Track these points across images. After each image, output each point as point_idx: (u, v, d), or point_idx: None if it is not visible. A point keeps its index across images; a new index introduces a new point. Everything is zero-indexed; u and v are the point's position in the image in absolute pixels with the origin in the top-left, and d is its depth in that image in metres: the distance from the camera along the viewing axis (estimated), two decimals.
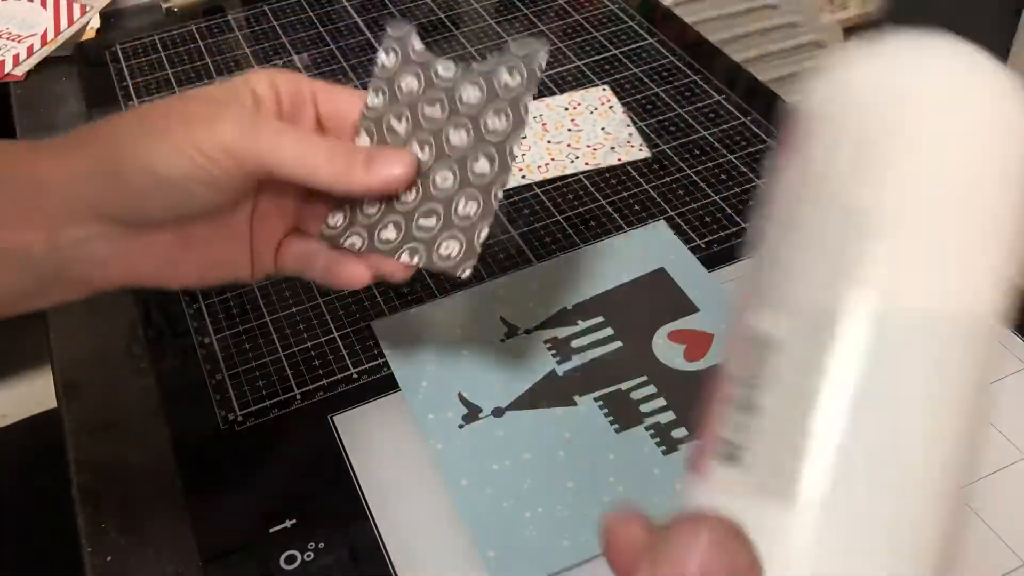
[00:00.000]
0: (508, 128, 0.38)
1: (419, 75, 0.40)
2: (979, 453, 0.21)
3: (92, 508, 0.44)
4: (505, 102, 0.38)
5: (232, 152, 0.34)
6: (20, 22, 0.79)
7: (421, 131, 0.39)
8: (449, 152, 0.39)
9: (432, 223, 0.39)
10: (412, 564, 0.40)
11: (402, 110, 0.40)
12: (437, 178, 0.39)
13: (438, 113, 0.39)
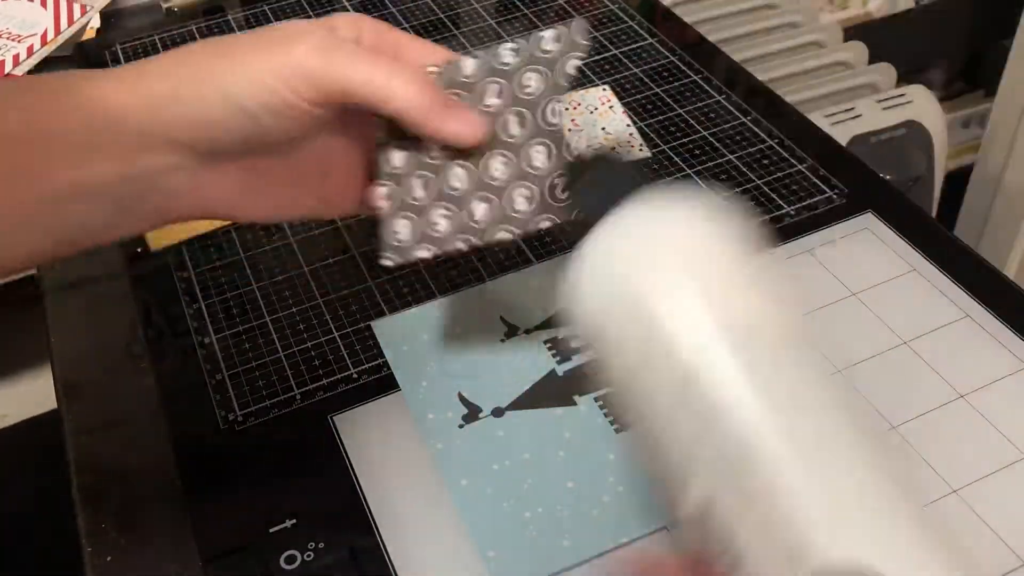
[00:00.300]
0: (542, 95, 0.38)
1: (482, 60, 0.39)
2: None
3: (92, 508, 0.44)
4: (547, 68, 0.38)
5: (308, 74, 0.33)
6: (20, 22, 0.79)
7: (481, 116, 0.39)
8: (507, 140, 0.38)
9: (483, 210, 0.38)
10: (412, 564, 0.40)
11: (462, 92, 0.39)
12: (492, 166, 0.38)
13: (497, 100, 0.38)
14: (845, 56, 0.91)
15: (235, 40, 0.35)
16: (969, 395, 0.45)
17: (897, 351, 0.47)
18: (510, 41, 0.39)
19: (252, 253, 0.56)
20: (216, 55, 0.35)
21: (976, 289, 0.50)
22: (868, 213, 0.55)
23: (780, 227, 0.55)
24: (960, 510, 0.41)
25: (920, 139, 0.89)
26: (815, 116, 0.83)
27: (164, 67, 0.35)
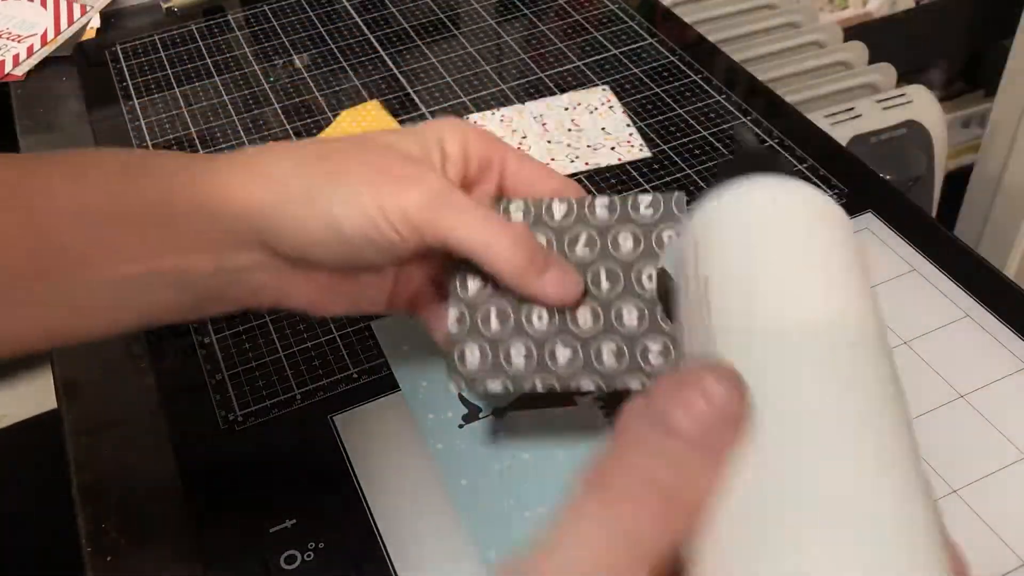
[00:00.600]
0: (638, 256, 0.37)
1: (572, 206, 0.38)
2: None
3: (92, 508, 0.44)
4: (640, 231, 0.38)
5: (416, 224, 0.34)
6: (20, 22, 0.79)
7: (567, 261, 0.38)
8: (596, 294, 0.37)
9: (568, 357, 0.36)
10: (412, 564, 0.40)
11: (548, 235, 0.38)
12: (579, 315, 0.37)
13: (587, 251, 0.38)
14: (845, 56, 0.91)
15: (347, 160, 0.35)
16: (969, 395, 0.45)
17: (897, 351, 0.47)
18: (605, 196, 0.38)
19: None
20: (329, 176, 0.34)
21: (976, 289, 0.50)
22: (868, 213, 0.55)
23: None
24: (960, 510, 0.41)
25: (920, 139, 0.89)
26: (815, 116, 0.83)
27: (278, 172, 0.35)
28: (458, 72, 0.71)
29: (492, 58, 0.72)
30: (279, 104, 0.69)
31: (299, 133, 0.66)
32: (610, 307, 0.37)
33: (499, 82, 0.69)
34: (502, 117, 0.65)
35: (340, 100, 0.69)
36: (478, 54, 0.73)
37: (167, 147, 0.65)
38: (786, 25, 0.93)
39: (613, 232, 0.38)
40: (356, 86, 0.70)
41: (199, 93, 0.71)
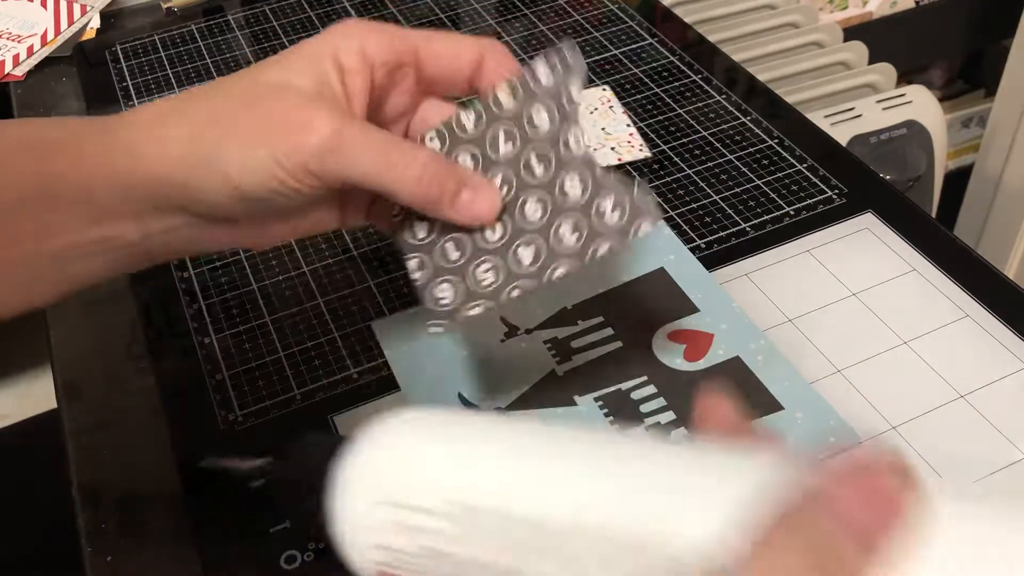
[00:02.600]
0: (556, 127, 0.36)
1: (479, 110, 0.38)
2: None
3: (92, 508, 0.44)
4: (551, 100, 0.37)
5: (315, 172, 0.34)
6: (20, 22, 0.79)
7: (495, 166, 0.37)
8: (535, 182, 0.37)
9: (532, 254, 0.36)
10: None
11: (470, 149, 0.38)
12: (527, 210, 0.37)
13: (510, 147, 0.37)
14: (845, 56, 0.91)
15: (237, 117, 0.34)
16: (969, 395, 0.45)
17: (897, 351, 0.47)
18: (505, 84, 0.37)
19: (252, 253, 0.56)
20: (223, 140, 0.34)
21: (976, 289, 0.50)
22: (868, 213, 0.55)
23: (780, 227, 0.55)
24: None
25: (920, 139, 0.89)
26: (815, 116, 0.84)
27: (176, 140, 0.34)
28: None
29: None
30: None
31: None
32: (552, 187, 0.36)
33: None
34: None
35: None
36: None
37: None
38: (786, 25, 0.93)
39: (525, 114, 0.37)
40: None
41: None
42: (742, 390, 0.46)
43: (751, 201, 0.57)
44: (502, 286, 0.36)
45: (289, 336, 0.51)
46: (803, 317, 0.50)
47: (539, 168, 0.37)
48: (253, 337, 0.51)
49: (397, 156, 0.35)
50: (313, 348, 0.50)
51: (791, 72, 0.89)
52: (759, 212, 0.56)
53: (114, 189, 0.34)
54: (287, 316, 0.52)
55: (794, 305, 0.50)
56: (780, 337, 0.48)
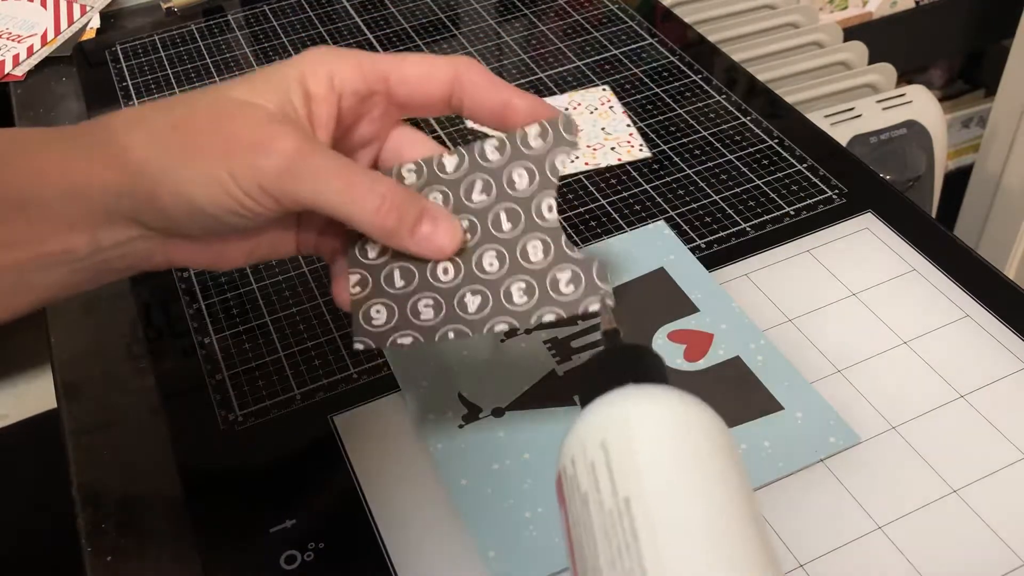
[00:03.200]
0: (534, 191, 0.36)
1: (463, 156, 0.38)
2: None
3: (92, 508, 0.44)
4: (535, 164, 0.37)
5: (271, 193, 0.33)
6: (20, 22, 0.79)
7: (465, 211, 0.37)
8: (499, 236, 0.37)
9: (478, 303, 0.36)
10: (412, 564, 0.40)
11: (443, 189, 0.38)
12: (484, 261, 0.37)
13: (484, 197, 0.37)
14: (845, 56, 0.91)
15: (198, 129, 0.33)
16: (969, 395, 0.45)
17: (897, 351, 0.47)
18: (492, 137, 0.37)
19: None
20: (181, 151, 0.33)
21: (976, 289, 0.50)
22: (868, 213, 0.55)
23: (780, 227, 0.55)
24: (960, 510, 0.41)
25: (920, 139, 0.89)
26: (815, 116, 0.84)
27: (133, 147, 0.33)
28: None
29: (492, 58, 0.72)
30: None
31: None
32: (515, 246, 0.36)
33: None
34: None
35: None
36: (478, 54, 0.73)
37: None
38: (786, 25, 0.93)
39: (507, 171, 0.37)
40: None
41: None
42: (742, 390, 0.46)
43: (751, 201, 0.57)
44: (438, 325, 0.36)
45: (289, 336, 0.51)
46: (803, 317, 0.50)
47: (507, 225, 0.37)
48: (253, 337, 0.51)
49: (358, 183, 0.34)
50: (313, 348, 0.50)
51: (791, 72, 0.89)
52: (759, 212, 0.56)
53: (68, 197, 0.33)
54: (287, 316, 0.52)
55: (794, 305, 0.50)
56: (780, 337, 0.48)
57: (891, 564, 0.39)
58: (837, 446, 0.43)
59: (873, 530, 0.40)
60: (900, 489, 0.42)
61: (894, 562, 0.39)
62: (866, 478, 0.42)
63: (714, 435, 0.28)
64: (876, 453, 0.43)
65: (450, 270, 0.37)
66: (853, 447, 0.43)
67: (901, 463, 0.43)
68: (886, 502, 0.41)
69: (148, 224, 0.34)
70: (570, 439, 0.29)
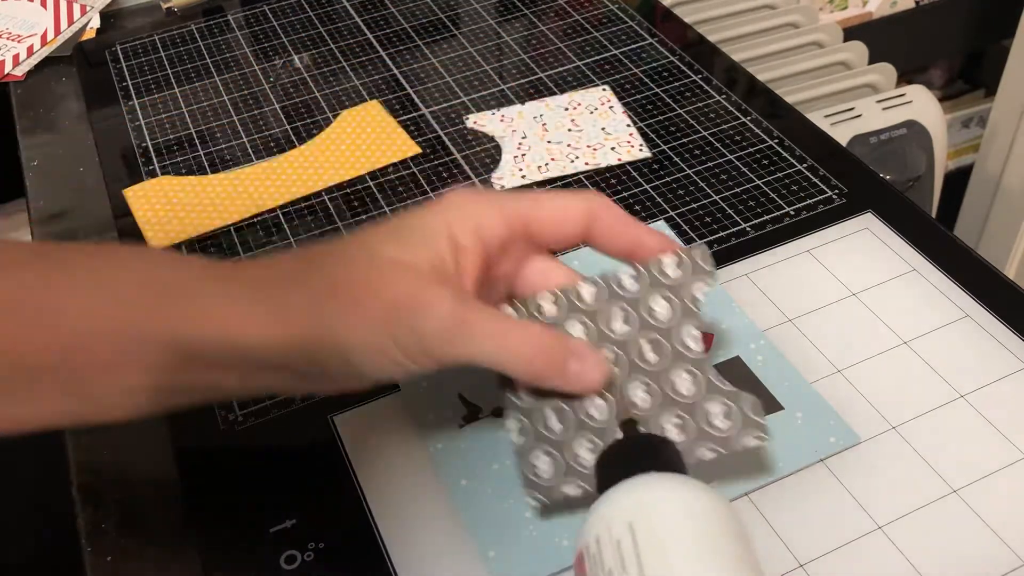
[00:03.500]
0: (676, 321, 0.37)
1: (600, 285, 0.38)
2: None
3: (92, 508, 0.44)
4: (673, 293, 0.37)
5: (431, 354, 0.34)
6: (20, 22, 0.79)
7: (607, 342, 0.38)
8: (646, 368, 0.37)
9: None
10: (412, 564, 0.40)
11: (582, 319, 0.38)
12: (634, 395, 0.37)
13: (626, 328, 0.37)
14: (845, 56, 0.91)
15: (356, 294, 0.34)
16: (969, 395, 0.45)
17: (897, 351, 0.47)
18: (630, 267, 0.38)
19: (252, 253, 0.56)
20: (341, 317, 0.34)
21: (976, 289, 0.50)
22: (868, 213, 0.56)
23: (780, 227, 0.55)
24: (960, 510, 0.41)
25: (920, 139, 0.89)
26: (815, 116, 0.84)
27: (294, 309, 0.34)
28: (458, 72, 0.71)
29: (492, 58, 0.72)
30: (279, 104, 0.69)
31: (299, 133, 0.66)
32: (660, 378, 0.37)
33: (499, 82, 0.69)
34: (502, 117, 0.65)
35: (340, 100, 0.69)
36: (478, 54, 0.73)
37: (167, 147, 0.65)
38: (786, 25, 0.93)
39: (645, 301, 0.38)
40: (356, 86, 0.70)
41: (199, 93, 0.71)
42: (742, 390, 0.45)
43: (751, 201, 0.57)
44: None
45: None
46: (803, 317, 0.50)
47: (651, 356, 0.37)
48: None
49: (512, 336, 0.35)
50: None
51: (791, 72, 0.89)
52: (759, 212, 0.56)
53: (223, 345, 0.34)
54: None
55: (794, 305, 0.50)
56: (780, 337, 0.48)
57: (891, 564, 0.39)
58: (837, 446, 0.43)
59: (873, 530, 0.40)
60: (900, 489, 0.42)
61: (894, 562, 0.39)
62: (866, 478, 0.42)
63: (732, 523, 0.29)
64: (876, 453, 0.43)
65: (603, 407, 0.37)
66: (853, 447, 0.43)
67: (901, 463, 0.43)
68: (886, 502, 0.41)
69: (301, 373, 0.35)
70: (593, 519, 0.30)
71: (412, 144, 0.64)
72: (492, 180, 0.60)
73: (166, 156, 0.65)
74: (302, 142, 0.65)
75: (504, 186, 0.59)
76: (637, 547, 0.28)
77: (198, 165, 0.64)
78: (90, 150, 0.67)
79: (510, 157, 0.62)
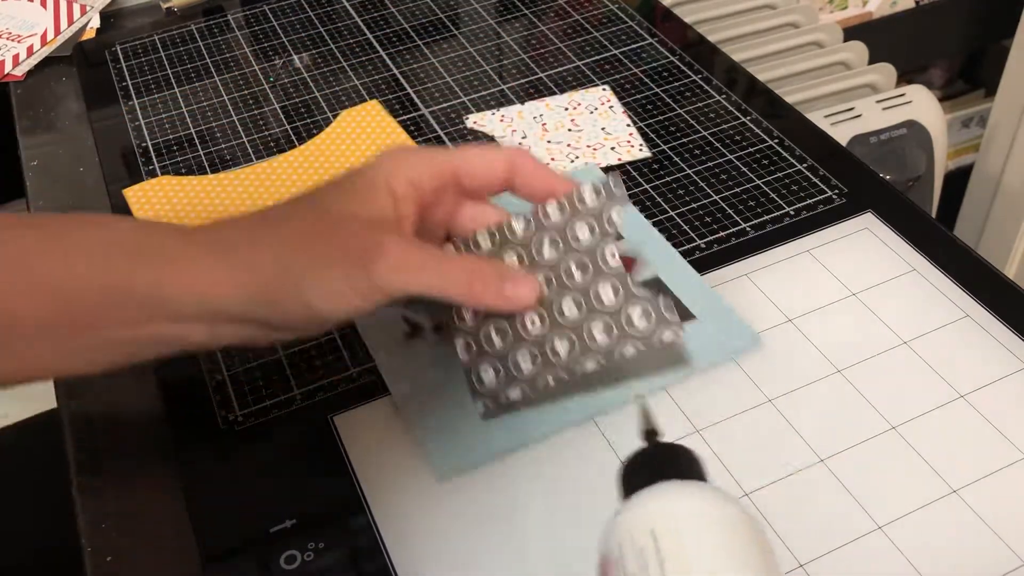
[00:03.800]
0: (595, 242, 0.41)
1: (528, 219, 0.42)
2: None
3: (92, 508, 0.44)
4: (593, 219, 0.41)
5: (384, 291, 0.37)
6: (20, 22, 0.79)
7: (538, 267, 0.42)
8: (573, 285, 0.41)
9: (567, 348, 0.41)
10: (412, 564, 0.40)
11: (517, 249, 0.42)
12: (564, 308, 0.41)
13: (553, 253, 0.42)
14: (845, 56, 0.91)
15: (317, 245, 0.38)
16: (969, 395, 0.45)
17: (897, 351, 0.47)
18: (554, 200, 0.42)
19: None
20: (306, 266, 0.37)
21: (976, 289, 0.50)
22: (868, 213, 0.56)
23: (780, 227, 0.55)
24: (960, 510, 0.41)
25: (920, 139, 0.89)
26: (815, 116, 0.84)
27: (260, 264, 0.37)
28: (458, 72, 0.71)
29: (492, 58, 0.72)
30: (279, 104, 0.69)
31: (299, 133, 0.66)
32: (588, 291, 0.41)
33: (499, 82, 0.69)
34: (502, 117, 0.66)
35: (340, 100, 0.69)
36: (478, 54, 0.73)
37: (167, 147, 0.65)
38: (786, 25, 0.93)
39: (569, 228, 0.42)
40: (356, 86, 0.70)
41: (199, 93, 0.71)
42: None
43: (751, 201, 0.57)
44: (538, 374, 0.41)
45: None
46: (803, 317, 0.50)
47: (577, 274, 0.41)
48: None
49: (450, 267, 0.40)
50: (313, 348, 0.50)
51: (791, 72, 0.89)
52: (759, 212, 0.56)
53: (200, 302, 0.37)
54: None
55: (794, 305, 0.50)
56: (780, 337, 0.48)
57: (891, 564, 0.39)
58: (742, 348, 0.47)
59: (873, 530, 0.40)
60: (900, 489, 0.42)
61: (894, 562, 0.39)
62: (866, 478, 0.42)
63: (753, 531, 0.30)
64: (876, 453, 0.43)
65: (536, 321, 0.41)
66: (853, 447, 0.43)
67: (901, 463, 0.43)
68: (886, 502, 0.41)
69: (265, 323, 0.39)
70: (616, 526, 0.31)
71: (412, 144, 0.64)
72: None
73: (166, 156, 0.65)
74: (302, 142, 0.65)
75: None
76: (660, 553, 0.29)
77: (198, 165, 0.64)
78: (90, 150, 0.67)
79: None
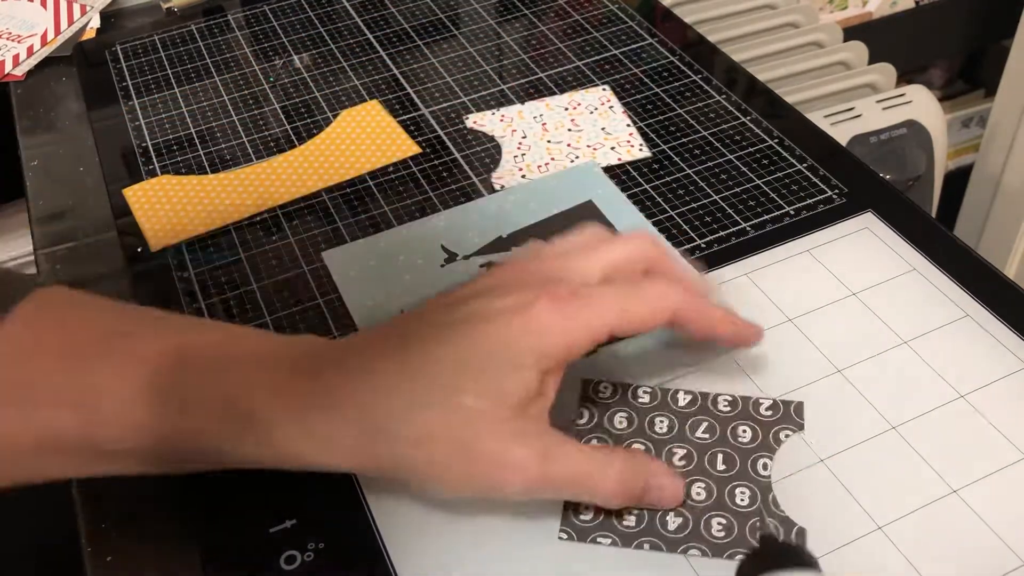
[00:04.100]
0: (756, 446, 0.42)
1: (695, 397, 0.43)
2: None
3: (92, 508, 0.44)
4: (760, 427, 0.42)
5: (515, 500, 0.37)
6: (20, 22, 0.79)
7: (687, 443, 0.42)
8: (712, 472, 0.41)
9: (678, 524, 0.40)
10: (412, 564, 0.40)
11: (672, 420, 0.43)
12: (692, 489, 0.41)
13: (707, 436, 0.42)
14: (845, 56, 0.91)
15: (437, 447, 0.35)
16: (969, 395, 0.45)
17: (897, 351, 0.47)
18: (728, 395, 0.43)
19: (252, 253, 0.56)
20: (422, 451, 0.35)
21: (976, 289, 0.50)
22: (868, 213, 0.56)
23: (780, 227, 0.55)
24: (960, 510, 0.41)
25: (920, 139, 0.89)
26: (815, 116, 0.84)
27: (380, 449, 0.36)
28: (458, 72, 0.71)
29: (492, 58, 0.72)
30: (279, 104, 0.69)
31: (299, 133, 0.66)
32: (725, 486, 0.41)
33: (499, 82, 0.69)
34: (502, 117, 0.66)
35: (340, 100, 0.69)
36: (478, 54, 0.73)
37: (167, 146, 0.65)
38: (786, 25, 0.93)
39: (733, 424, 0.43)
40: (356, 86, 0.70)
41: (199, 93, 0.71)
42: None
43: (751, 201, 0.57)
44: (637, 534, 0.39)
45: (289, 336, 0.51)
46: (803, 317, 0.50)
47: (722, 466, 0.41)
48: None
49: (594, 481, 0.37)
50: None
51: (791, 72, 0.89)
52: (759, 212, 0.56)
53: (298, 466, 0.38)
54: (287, 316, 0.52)
55: (794, 305, 0.50)
56: (780, 337, 0.48)
57: (891, 564, 0.39)
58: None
59: (873, 530, 0.40)
60: (900, 489, 0.42)
61: (894, 562, 0.39)
62: (866, 478, 0.42)
63: None
64: (876, 453, 0.43)
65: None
66: (853, 447, 0.43)
67: (901, 463, 0.43)
68: (886, 502, 0.41)
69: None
70: None
71: (412, 144, 0.64)
72: (492, 180, 0.60)
73: (166, 156, 0.65)
74: (302, 142, 0.65)
75: (504, 185, 0.59)
76: None
77: (198, 165, 0.64)
78: (90, 150, 0.67)
79: (510, 157, 0.62)
